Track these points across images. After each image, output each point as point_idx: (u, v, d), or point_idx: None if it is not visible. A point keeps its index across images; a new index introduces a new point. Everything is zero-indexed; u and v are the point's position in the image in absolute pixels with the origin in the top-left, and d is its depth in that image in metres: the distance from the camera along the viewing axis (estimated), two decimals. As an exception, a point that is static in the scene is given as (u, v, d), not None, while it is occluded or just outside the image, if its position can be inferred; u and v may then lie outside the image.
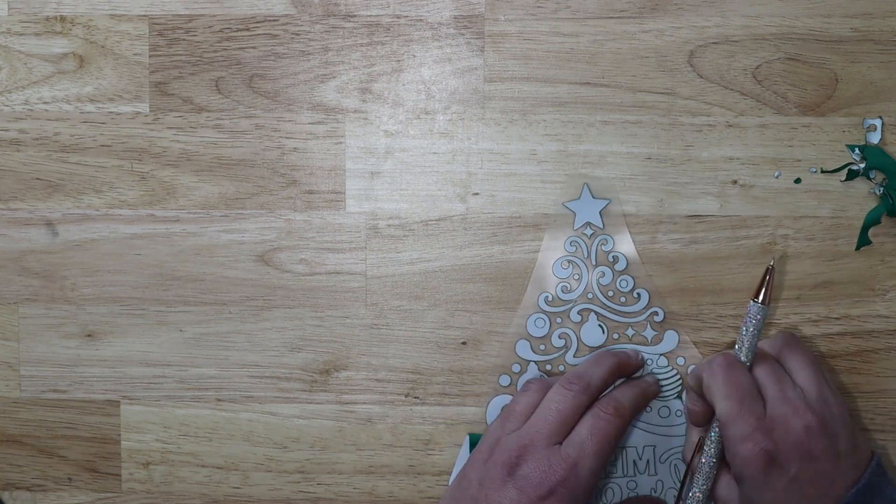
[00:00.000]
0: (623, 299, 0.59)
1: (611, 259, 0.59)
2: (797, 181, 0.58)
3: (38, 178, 0.61)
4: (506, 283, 0.60)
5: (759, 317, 0.55)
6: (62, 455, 0.62)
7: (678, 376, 0.58)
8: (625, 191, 0.59)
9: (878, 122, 0.58)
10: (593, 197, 0.59)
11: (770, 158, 0.58)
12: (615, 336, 0.59)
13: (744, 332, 0.55)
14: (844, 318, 0.59)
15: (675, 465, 0.58)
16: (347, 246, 0.60)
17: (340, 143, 0.60)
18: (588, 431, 0.53)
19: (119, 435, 0.61)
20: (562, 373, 0.59)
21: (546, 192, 0.59)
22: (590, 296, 0.59)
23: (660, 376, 0.58)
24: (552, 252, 0.59)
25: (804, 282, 0.59)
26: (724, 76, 0.58)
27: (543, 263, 0.59)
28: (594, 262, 0.59)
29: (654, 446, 0.58)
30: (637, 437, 0.58)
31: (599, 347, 0.59)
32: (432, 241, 0.60)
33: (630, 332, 0.59)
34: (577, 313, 0.59)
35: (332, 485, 0.61)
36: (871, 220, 0.58)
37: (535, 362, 0.59)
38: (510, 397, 0.59)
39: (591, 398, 0.55)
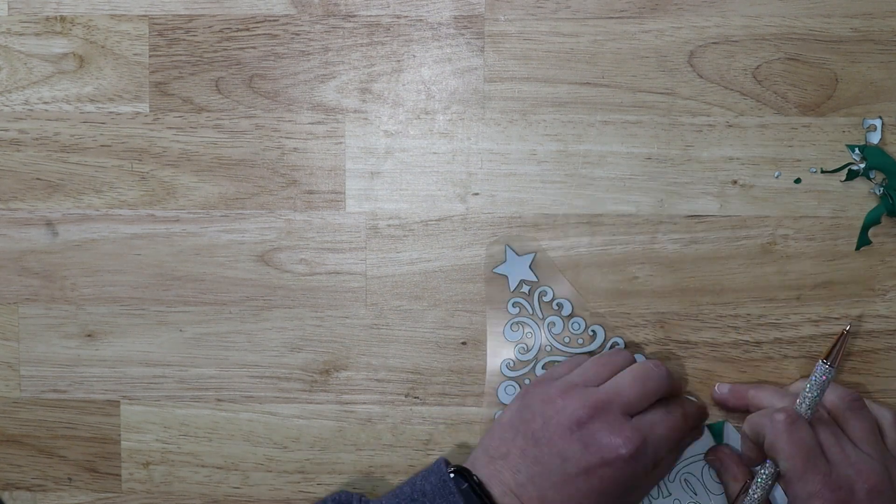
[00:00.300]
0: (580, 341, 0.59)
1: (556, 307, 0.59)
2: (797, 181, 0.58)
3: (38, 178, 0.61)
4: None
5: (825, 378, 0.54)
6: (62, 455, 0.62)
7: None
8: (625, 191, 0.59)
9: (878, 122, 0.58)
10: (518, 255, 0.59)
11: (770, 158, 0.58)
12: None
13: (807, 391, 0.54)
14: (844, 318, 0.59)
15: (686, 479, 0.58)
16: (347, 246, 0.60)
17: (340, 143, 0.60)
18: (660, 418, 0.53)
19: (119, 435, 0.61)
20: None
21: (546, 192, 0.59)
22: (548, 348, 0.59)
23: None
24: (498, 319, 0.59)
25: (804, 282, 0.59)
26: (724, 76, 0.58)
27: (494, 332, 0.59)
28: (541, 316, 0.59)
29: None
30: None
31: None
32: (432, 241, 0.60)
33: None
34: (542, 368, 0.59)
35: (332, 485, 0.61)
36: (871, 220, 0.58)
37: None
38: None
39: (666, 392, 0.55)
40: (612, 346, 0.59)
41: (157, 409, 0.61)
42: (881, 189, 0.58)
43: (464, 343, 0.60)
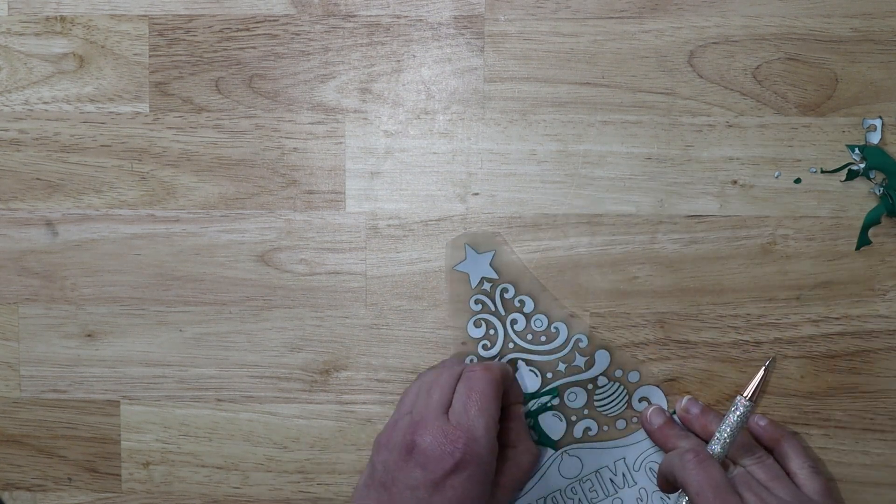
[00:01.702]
0: (543, 338, 0.59)
1: (517, 304, 0.59)
2: (797, 181, 0.58)
3: (38, 178, 0.61)
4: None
5: (745, 413, 0.55)
6: (62, 455, 0.62)
7: (621, 387, 0.59)
8: (625, 191, 0.59)
9: (878, 122, 0.58)
10: (478, 252, 0.59)
11: (770, 158, 0.58)
12: (549, 375, 0.59)
13: (724, 426, 0.55)
14: (844, 318, 0.59)
15: (651, 467, 0.58)
16: (347, 246, 0.60)
17: (340, 143, 0.60)
18: (465, 392, 0.54)
19: (119, 435, 0.61)
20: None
21: (546, 192, 0.59)
22: (511, 345, 0.59)
23: (605, 394, 0.59)
24: (461, 316, 0.59)
25: (804, 282, 0.59)
26: (724, 76, 0.58)
27: (457, 330, 0.59)
28: (504, 313, 0.59)
29: (624, 458, 0.58)
30: (604, 457, 0.58)
31: (538, 391, 0.59)
32: (432, 241, 0.60)
33: (561, 366, 0.59)
34: (507, 364, 0.59)
35: (332, 485, 0.61)
36: (871, 220, 0.58)
37: None
38: None
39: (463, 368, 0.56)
40: (575, 344, 0.59)
41: (157, 409, 0.61)
42: (881, 189, 0.58)
43: (464, 343, 0.60)
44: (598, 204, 0.59)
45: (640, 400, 0.59)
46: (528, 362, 0.59)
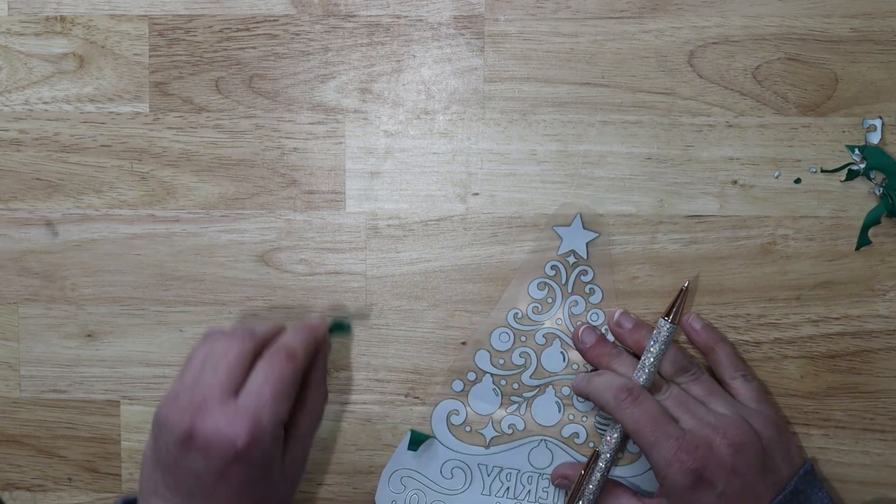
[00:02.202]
0: None
1: (587, 290, 0.59)
2: (797, 181, 0.58)
3: (38, 178, 0.61)
4: (505, 283, 0.59)
5: (667, 335, 0.55)
6: (62, 455, 0.62)
7: None
8: (625, 191, 0.59)
9: (878, 123, 0.58)
10: (584, 227, 0.59)
11: (770, 158, 0.58)
12: (574, 367, 0.59)
13: (650, 350, 0.55)
14: (844, 318, 0.59)
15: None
16: (347, 246, 0.60)
17: (340, 143, 0.60)
18: (262, 378, 0.50)
19: (119, 435, 0.61)
20: (516, 391, 0.59)
21: (546, 193, 0.59)
22: (558, 321, 0.59)
23: (606, 417, 0.59)
24: (531, 271, 0.59)
25: (804, 282, 0.59)
26: (724, 76, 0.58)
27: (521, 280, 0.59)
28: (570, 290, 0.59)
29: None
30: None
31: (557, 374, 0.59)
32: (432, 241, 0.60)
33: (589, 366, 0.59)
34: (543, 336, 0.59)
35: (332, 485, 0.61)
36: (871, 220, 0.58)
37: (492, 375, 0.59)
38: (460, 403, 0.59)
39: (258, 346, 0.52)
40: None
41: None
42: (881, 189, 0.58)
43: (464, 343, 0.60)
44: (598, 204, 0.59)
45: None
46: (563, 343, 0.59)
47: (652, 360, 0.55)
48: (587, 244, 0.59)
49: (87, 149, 0.61)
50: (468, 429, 0.59)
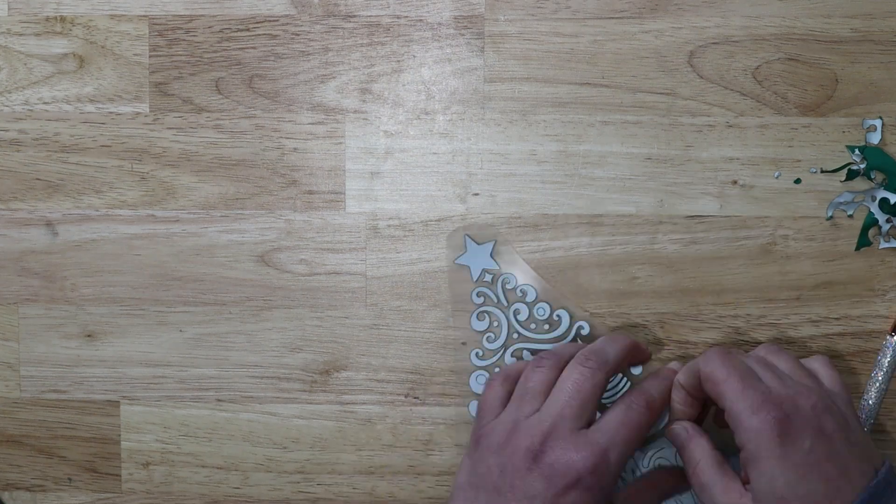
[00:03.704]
0: (546, 326, 0.59)
1: (520, 294, 0.59)
2: (797, 181, 0.58)
3: (38, 178, 0.61)
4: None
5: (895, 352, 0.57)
6: (62, 455, 0.62)
7: (625, 380, 0.58)
8: (625, 191, 0.59)
9: (878, 123, 0.58)
10: (477, 244, 0.59)
11: (770, 158, 0.58)
12: None
13: (877, 369, 0.57)
14: (844, 318, 0.59)
15: (659, 464, 0.58)
16: (347, 246, 0.60)
17: (340, 143, 0.60)
18: (620, 420, 0.51)
19: (119, 435, 0.61)
20: None
21: (546, 193, 0.59)
22: (515, 336, 0.59)
23: (609, 385, 0.58)
24: (463, 308, 0.59)
25: (804, 282, 0.59)
26: (724, 76, 0.58)
27: (460, 324, 0.59)
28: (506, 304, 0.59)
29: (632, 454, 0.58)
30: None
31: None
32: (432, 241, 0.60)
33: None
34: (511, 356, 0.59)
35: (332, 485, 0.61)
36: (871, 221, 0.58)
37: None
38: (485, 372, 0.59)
39: (608, 376, 0.53)
40: (577, 331, 0.59)
41: (157, 409, 0.61)
42: (881, 188, 0.58)
43: (464, 343, 0.60)
44: (598, 204, 0.59)
45: None
46: (532, 352, 0.59)
47: (881, 379, 0.56)
48: (491, 255, 0.59)
49: (87, 149, 0.61)
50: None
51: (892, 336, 0.57)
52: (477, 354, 0.59)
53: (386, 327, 0.60)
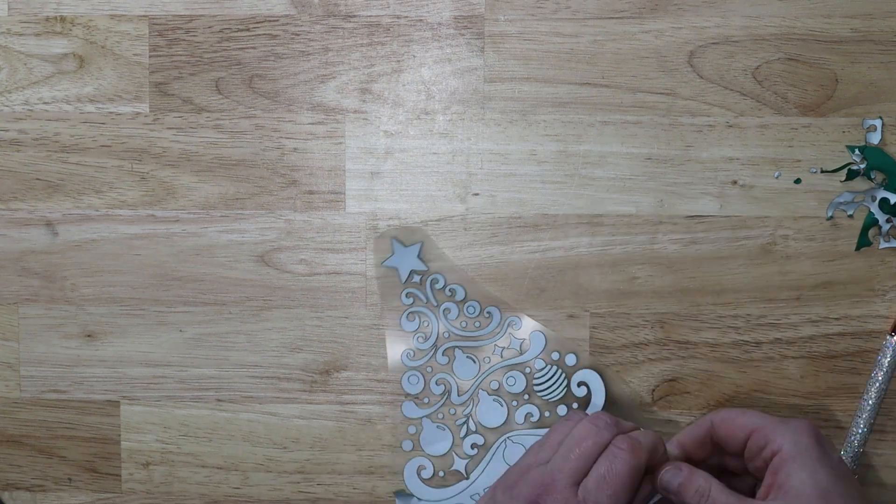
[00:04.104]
0: (477, 324, 0.59)
1: (448, 293, 0.59)
2: (797, 181, 0.58)
3: (38, 178, 0.61)
4: (505, 283, 0.60)
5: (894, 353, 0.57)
6: (62, 455, 0.62)
7: (559, 371, 0.59)
8: (625, 191, 0.59)
9: (878, 123, 0.58)
10: (404, 245, 0.59)
11: (770, 158, 0.58)
12: (486, 360, 0.59)
13: (881, 363, 0.57)
14: (844, 318, 0.59)
15: None
16: (347, 246, 0.60)
17: (340, 143, 0.60)
18: (604, 471, 0.52)
19: (119, 435, 0.61)
20: (454, 416, 0.59)
21: (546, 193, 0.59)
22: (446, 335, 0.59)
23: (543, 378, 0.59)
24: (393, 311, 0.59)
25: (804, 282, 0.59)
26: (724, 76, 0.58)
27: (390, 325, 0.59)
28: (436, 303, 0.59)
29: None
30: None
31: (476, 377, 0.59)
32: (432, 242, 0.60)
33: (497, 350, 0.59)
34: (443, 355, 0.59)
35: (332, 485, 0.61)
36: (871, 221, 0.58)
37: (427, 417, 0.59)
38: (421, 457, 0.59)
39: (614, 436, 0.53)
40: (508, 327, 0.59)
41: (157, 409, 0.61)
42: (881, 188, 0.58)
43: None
44: (598, 204, 0.59)
45: (579, 384, 0.59)
46: (464, 349, 0.59)
47: (882, 374, 0.57)
48: (418, 257, 0.59)
49: (87, 149, 0.61)
50: (441, 474, 0.59)
51: (893, 336, 0.57)
52: (408, 355, 0.59)
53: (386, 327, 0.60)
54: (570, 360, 0.59)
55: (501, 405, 0.59)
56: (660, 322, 0.59)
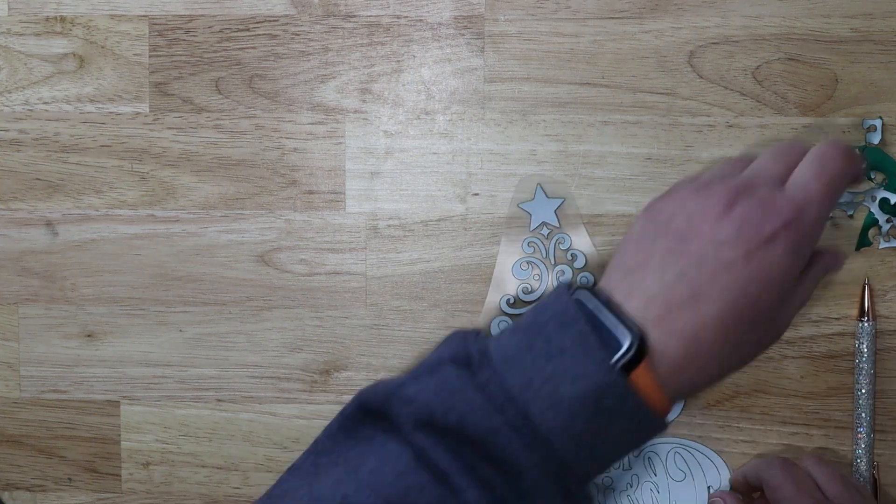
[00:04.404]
0: None
1: (569, 257, 0.59)
2: (797, 181, 0.58)
3: (38, 178, 0.61)
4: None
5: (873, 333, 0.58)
6: (62, 455, 0.62)
7: None
8: (625, 191, 0.59)
9: (878, 123, 0.58)
10: (547, 197, 0.59)
11: (770, 158, 0.58)
12: None
13: (862, 351, 0.57)
14: (844, 318, 0.59)
15: (650, 457, 0.58)
16: (347, 246, 0.60)
17: (340, 143, 0.60)
18: (814, 170, 0.45)
19: (119, 435, 0.61)
20: None
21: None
22: None
23: None
24: (510, 254, 0.59)
25: (804, 282, 0.58)
26: (724, 76, 0.58)
27: (502, 266, 0.59)
28: (553, 262, 0.59)
29: None
30: None
31: None
32: (432, 242, 0.60)
33: None
34: None
35: (332, 485, 0.61)
36: (871, 221, 0.58)
37: None
38: None
39: (806, 148, 0.47)
40: None
41: (157, 409, 0.61)
42: (881, 188, 0.58)
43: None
44: (598, 204, 0.59)
45: None
46: None
47: (865, 362, 0.57)
48: (556, 212, 0.59)
49: (87, 149, 0.61)
50: None
51: (862, 321, 0.57)
52: (507, 301, 0.59)
53: (386, 327, 0.60)
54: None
55: None
56: (660, 322, 0.59)
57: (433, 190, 0.60)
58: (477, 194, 0.60)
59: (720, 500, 0.58)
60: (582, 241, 0.59)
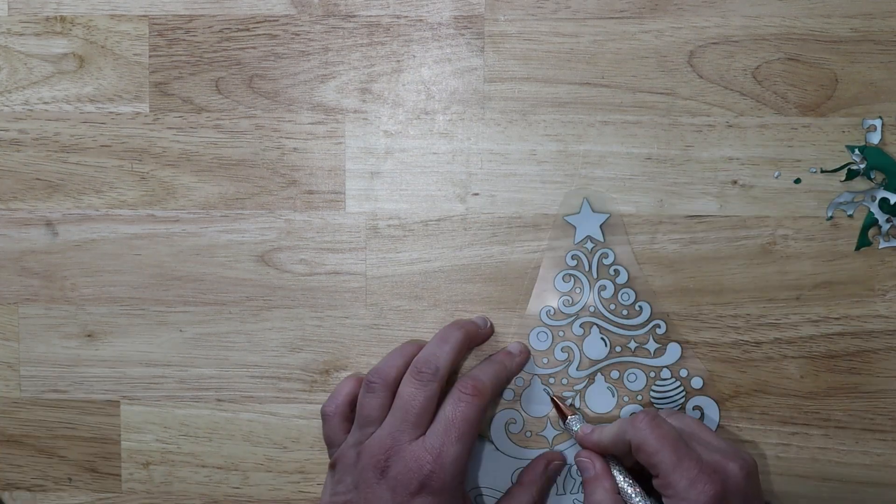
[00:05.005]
0: (625, 312, 0.59)
1: (612, 272, 0.59)
2: (797, 181, 0.58)
3: (38, 178, 0.61)
4: (506, 283, 0.60)
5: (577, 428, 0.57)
6: (62, 455, 0.62)
7: (681, 387, 0.58)
8: (625, 191, 0.59)
9: (878, 123, 0.58)
10: (593, 211, 0.59)
11: (770, 158, 0.58)
12: (617, 349, 0.59)
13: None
14: (844, 318, 0.59)
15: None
16: (347, 246, 0.60)
17: (340, 143, 0.60)
18: (448, 419, 0.54)
19: (119, 435, 0.61)
20: (566, 386, 0.59)
21: (546, 193, 0.59)
22: (591, 309, 0.59)
23: (663, 388, 0.58)
24: (554, 266, 0.59)
25: (804, 282, 0.59)
26: (724, 76, 0.58)
27: (545, 277, 0.59)
28: (595, 276, 0.59)
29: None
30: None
31: (602, 360, 0.59)
32: (432, 242, 0.60)
33: (633, 345, 0.59)
34: (580, 326, 0.59)
35: (332, 485, 0.61)
36: (871, 221, 0.58)
37: (539, 376, 0.59)
38: (515, 411, 0.59)
39: (443, 382, 0.55)
40: (653, 328, 0.59)
41: (157, 409, 0.61)
42: (881, 188, 0.58)
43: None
44: (598, 204, 0.59)
45: (694, 408, 0.58)
46: (601, 329, 0.59)
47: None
48: (601, 227, 0.59)
49: (87, 149, 0.61)
50: (528, 434, 0.59)
51: (569, 419, 0.58)
52: (547, 313, 0.59)
53: (386, 327, 0.60)
54: (696, 383, 0.58)
55: (613, 395, 0.59)
56: (660, 322, 0.59)
57: (433, 190, 0.60)
58: (477, 194, 0.60)
59: (587, 461, 0.56)
60: (626, 258, 0.59)
